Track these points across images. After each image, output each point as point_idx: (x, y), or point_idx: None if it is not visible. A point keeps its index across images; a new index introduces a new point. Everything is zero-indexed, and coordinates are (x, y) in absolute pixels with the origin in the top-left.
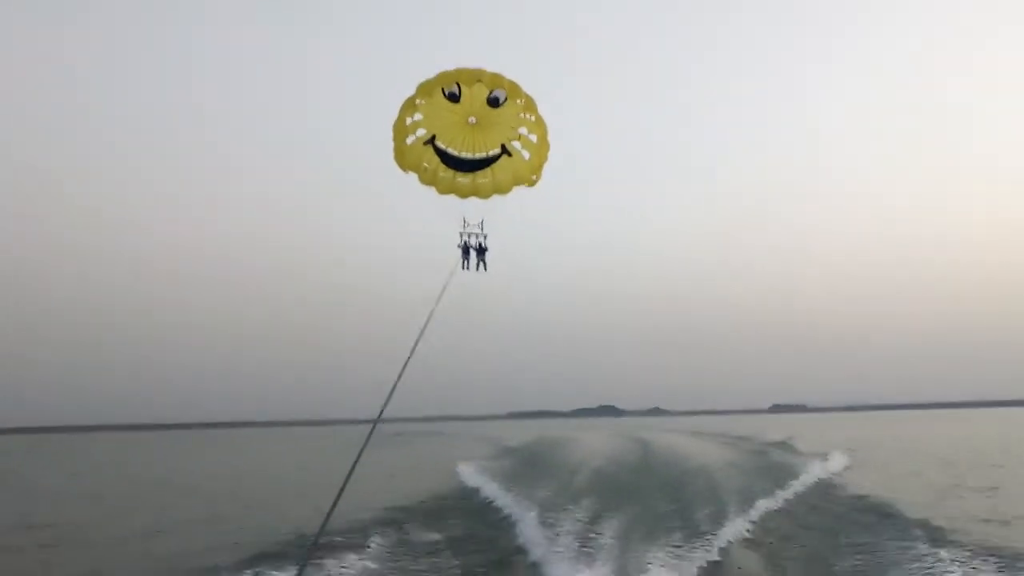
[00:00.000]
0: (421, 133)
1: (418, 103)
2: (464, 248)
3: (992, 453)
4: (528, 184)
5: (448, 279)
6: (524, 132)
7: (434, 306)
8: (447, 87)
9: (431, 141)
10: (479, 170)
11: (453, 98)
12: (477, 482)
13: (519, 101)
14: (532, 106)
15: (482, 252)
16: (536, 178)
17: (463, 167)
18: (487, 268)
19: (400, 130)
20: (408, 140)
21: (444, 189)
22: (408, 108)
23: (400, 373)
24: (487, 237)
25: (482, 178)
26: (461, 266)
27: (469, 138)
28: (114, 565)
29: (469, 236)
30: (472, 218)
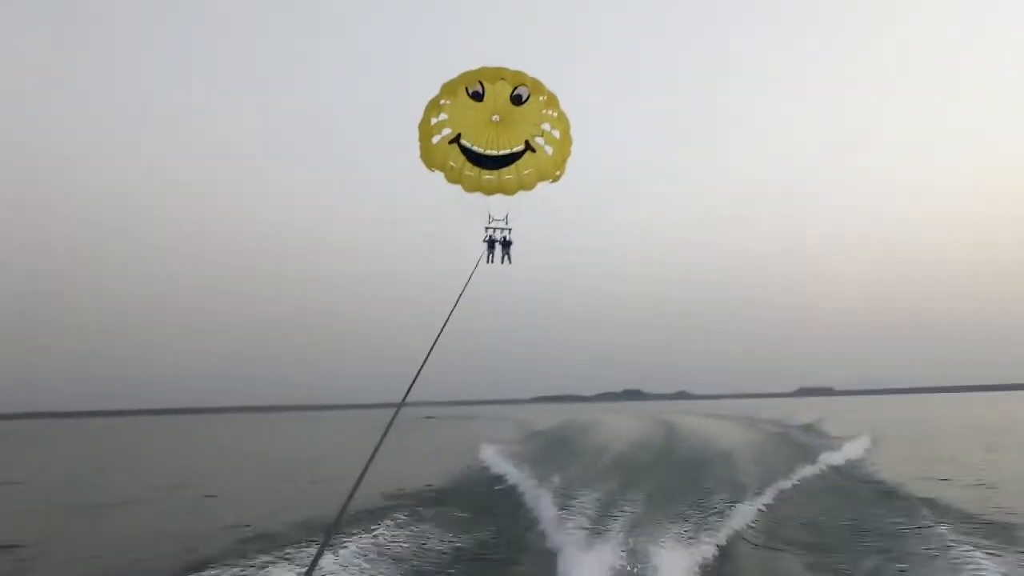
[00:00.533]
0: (446, 132)
1: (442, 103)
2: (489, 242)
3: None
4: (552, 180)
5: (472, 271)
6: (547, 128)
7: (457, 298)
8: (470, 86)
9: (456, 140)
10: (504, 167)
11: (477, 97)
12: (500, 465)
13: (542, 98)
14: (554, 102)
15: (507, 245)
16: (560, 173)
17: (488, 164)
18: (511, 261)
19: (425, 130)
20: (434, 140)
21: (470, 187)
22: (433, 108)
23: (424, 360)
24: (511, 231)
25: (507, 175)
26: (486, 259)
27: (493, 135)
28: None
29: (494, 230)
30: (496, 213)
